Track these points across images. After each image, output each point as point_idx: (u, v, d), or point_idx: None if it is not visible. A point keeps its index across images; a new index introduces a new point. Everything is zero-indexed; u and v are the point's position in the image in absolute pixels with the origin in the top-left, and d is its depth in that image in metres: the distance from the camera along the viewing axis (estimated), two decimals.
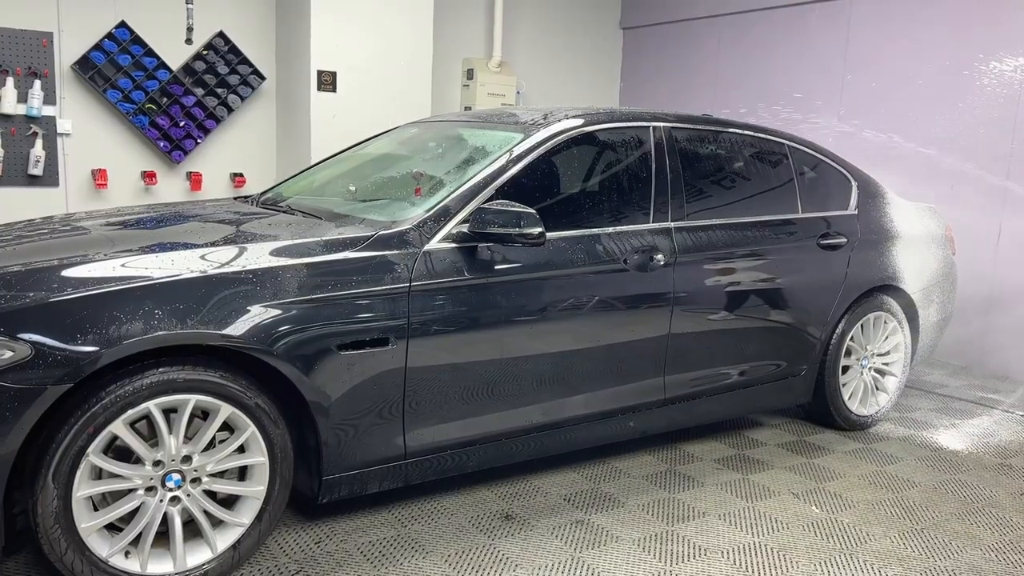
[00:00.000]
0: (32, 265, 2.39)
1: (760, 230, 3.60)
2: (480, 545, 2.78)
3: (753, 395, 3.71)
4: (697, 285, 3.34)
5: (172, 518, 2.36)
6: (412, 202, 3.01)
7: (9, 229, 3.05)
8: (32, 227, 3.03)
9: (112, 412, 2.21)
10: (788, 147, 3.89)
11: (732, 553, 2.82)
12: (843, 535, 3.00)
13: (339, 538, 2.78)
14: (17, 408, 2.08)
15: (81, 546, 2.23)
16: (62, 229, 2.95)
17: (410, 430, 2.75)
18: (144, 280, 2.31)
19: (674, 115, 3.57)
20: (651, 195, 3.33)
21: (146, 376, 2.26)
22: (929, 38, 5.63)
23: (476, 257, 2.83)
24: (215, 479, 2.44)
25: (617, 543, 2.85)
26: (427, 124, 3.85)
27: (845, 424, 4.06)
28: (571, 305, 3.02)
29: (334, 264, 2.59)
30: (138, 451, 2.29)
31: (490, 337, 2.84)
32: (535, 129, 3.19)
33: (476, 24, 7.23)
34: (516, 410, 2.97)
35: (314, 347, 2.49)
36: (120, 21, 5.51)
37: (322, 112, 5.80)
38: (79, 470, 2.19)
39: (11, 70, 5.20)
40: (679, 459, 3.64)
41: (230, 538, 2.46)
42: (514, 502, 3.12)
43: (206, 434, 2.38)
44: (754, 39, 6.84)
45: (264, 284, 2.44)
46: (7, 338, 2.11)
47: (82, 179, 5.59)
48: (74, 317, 2.17)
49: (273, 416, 2.47)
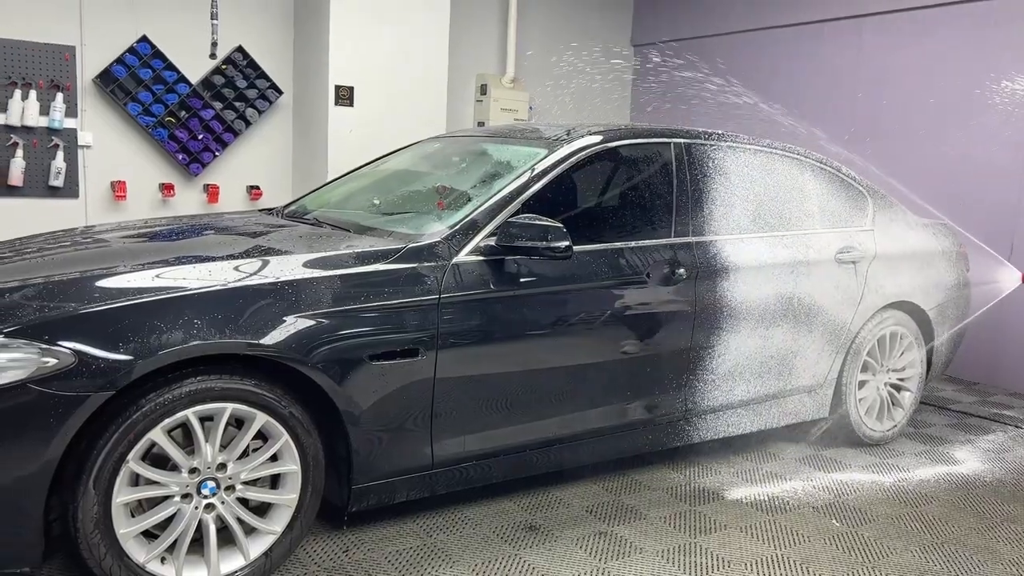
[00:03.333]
0: (70, 275, 2.44)
1: (778, 245, 3.65)
2: (506, 555, 2.81)
3: (771, 409, 3.74)
4: (718, 299, 3.38)
5: (207, 525, 2.39)
6: (439, 215, 3.05)
7: (30, 241, 3.10)
8: (54, 239, 3.07)
9: (152, 420, 2.25)
10: (805, 163, 3.94)
11: (755, 565, 2.85)
12: (865, 548, 3.02)
13: (366, 547, 2.81)
14: (61, 415, 2.12)
15: (119, 551, 2.26)
16: (90, 241, 3.00)
17: (437, 440, 2.78)
18: (183, 291, 2.35)
19: (693, 131, 3.63)
20: (672, 210, 3.37)
21: (184, 384, 2.30)
22: (940, 56, 5.70)
23: (503, 270, 2.87)
24: (248, 487, 2.47)
25: (641, 554, 2.88)
26: (449, 139, 3.91)
27: (862, 439, 4.08)
28: (595, 318, 3.06)
29: (366, 276, 2.63)
30: (176, 458, 2.33)
31: (516, 349, 2.88)
32: (559, 145, 3.24)
33: (490, 40, 7.31)
34: (540, 422, 3.00)
35: (347, 357, 2.53)
36: (141, 35, 5.59)
37: (339, 126, 5.86)
38: (119, 476, 2.23)
39: (34, 83, 5.26)
40: (698, 472, 3.66)
41: (262, 546, 2.49)
42: (537, 513, 3.15)
43: (242, 442, 2.41)
44: (765, 57, 6.92)
45: (298, 295, 2.49)
46: (51, 346, 2.15)
47: (102, 191, 5.65)
48: (116, 326, 2.22)
49: (306, 425, 2.50)
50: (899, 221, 4.22)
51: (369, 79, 5.92)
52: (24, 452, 2.12)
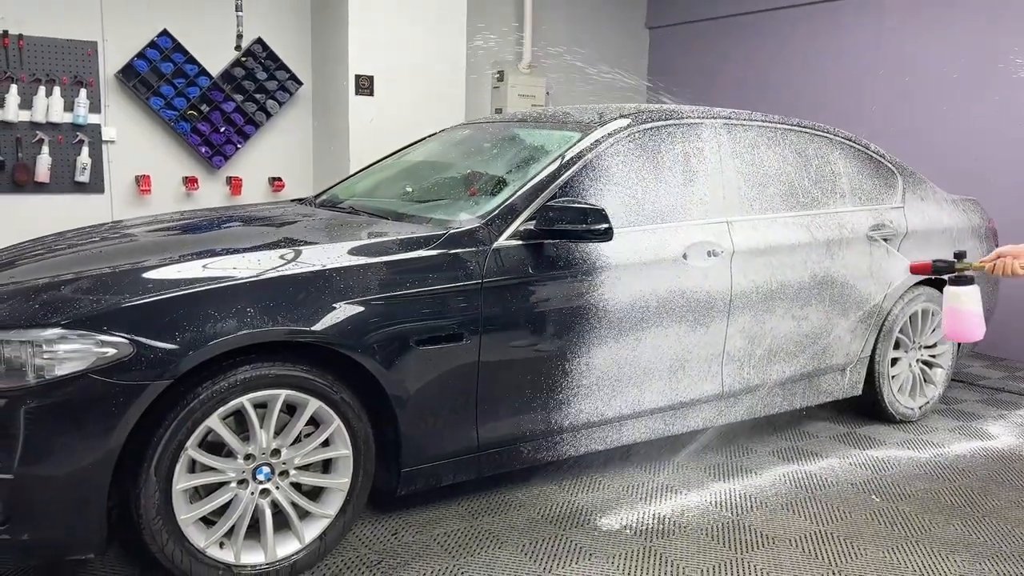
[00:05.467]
0: (122, 267, 2.47)
1: (812, 224, 3.65)
2: (552, 536, 2.84)
3: (807, 388, 3.75)
4: (754, 278, 3.39)
5: (263, 510, 2.43)
6: (476, 201, 3.07)
7: (61, 238, 3.12)
8: (85, 235, 3.09)
9: (208, 407, 2.29)
10: (835, 141, 3.93)
11: (800, 541, 2.87)
12: (906, 523, 3.04)
13: (414, 530, 2.84)
14: (122, 404, 2.16)
15: (180, 537, 2.30)
16: (128, 235, 3.03)
17: (482, 423, 2.81)
18: (234, 280, 2.38)
19: (724, 111, 3.63)
20: (707, 190, 3.38)
21: (239, 372, 2.33)
22: (962, 31, 5.66)
23: (544, 253, 2.89)
24: (301, 472, 2.50)
25: (685, 532, 2.90)
26: (479, 125, 3.91)
27: (895, 416, 4.09)
28: (634, 299, 3.07)
29: (411, 262, 2.65)
30: (232, 445, 2.36)
31: (558, 331, 2.90)
32: (592, 128, 3.25)
33: (506, 26, 7.30)
34: (583, 403, 3.02)
35: (394, 343, 2.55)
36: (162, 29, 5.60)
37: (360, 116, 5.87)
38: (178, 464, 2.27)
39: (57, 79, 5.29)
40: (735, 452, 3.68)
41: (317, 529, 2.53)
42: (580, 495, 3.18)
43: (295, 427, 2.44)
44: (782, 36, 6.88)
45: (345, 282, 2.51)
46: (109, 337, 2.18)
47: (126, 185, 5.68)
48: (172, 316, 2.25)
49: (356, 410, 2.53)
50: (929, 198, 4.22)
51: (389, 68, 5.92)
52: (87, 442, 2.15)
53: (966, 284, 2.26)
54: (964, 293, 2.27)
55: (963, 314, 2.28)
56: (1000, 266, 2.16)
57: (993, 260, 2.19)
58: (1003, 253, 2.17)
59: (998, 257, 2.17)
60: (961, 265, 2.26)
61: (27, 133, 5.23)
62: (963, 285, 2.27)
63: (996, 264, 2.17)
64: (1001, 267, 2.16)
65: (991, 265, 2.21)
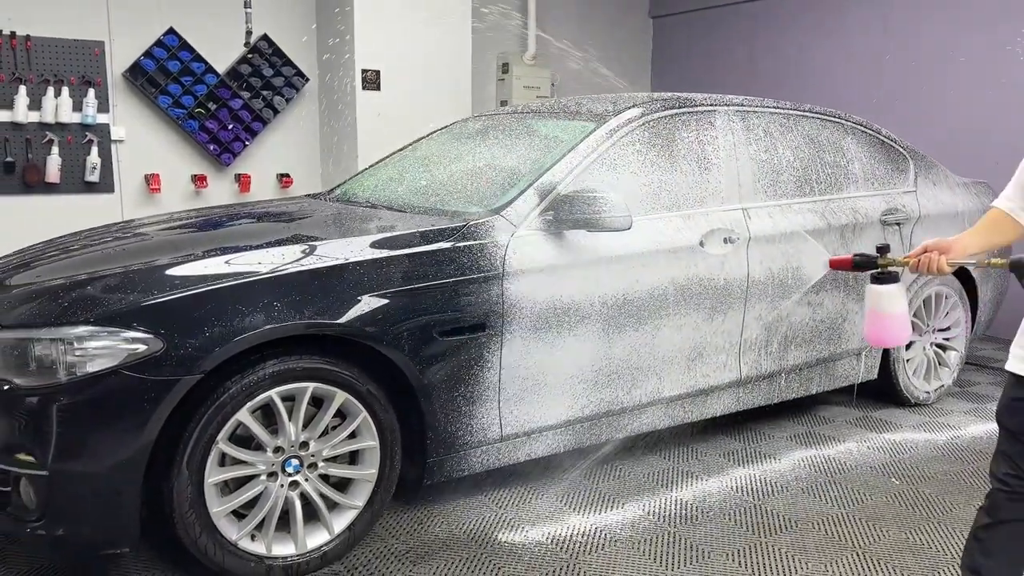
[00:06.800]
0: (148, 264, 2.49)
1: (826, 210, 3.66)
2: (577, 523, 2.86)
3: (823, 373, 3.77)
4: (770, 265, 3.40)
5: (292, 502, 2.45)
6: (494, 193, 3.07)
7: (74, 238, 3.13)
8: (99, 235, 3.10)
9: (238, 401, 2.30)
10: (847, 127, 3.94)
11: (823, 524, 2.89)
12: (927, 505, 3.06)
13: (440, 520, 2.87)
14: (154, 399, 2.18)
15: (213, 530, 2.32)
16: (154, 232, 3.04)
17: (505, 412, 2.83)
18: (259, 274, 2.39)
19: (737, 98, 3.64)
20: (722, 177, 3.39)
21: (267, 366, 2.34)
22: (969, 13, 5.65)
23: (562, 243, 2.90)
24: (330, 463, 2.52)
25: (708, 517, 2.92)
26: (492, 117, 3.92)
27: (911, 399, 4.11)
28: (653, 288, 3.09)
29: (432, 254, 2.67)
30: (261, 438, 2.38)
31: (578, 320, 2.91)
32: (606, 117, 3.26)
33: (510, 18, 7.29)
34: (604, 391, 3.04)
35: (418, 334, 2.57)
36: (168, 28, 5.60)
37: (367, 110, 5.88)
38: (210, 457, 2.28)
39: (65, 79, 5.30)
40: (753, 438, 3.70)
41: (345, 520, 2.55)
42: (601, 483, 3.20)
43: (324, 419, 2.46)
44: (787, 22, 6.87)
45: (370, 275, 2.53)
46: (139, 333, 2.20)
47: (136, 184, 5.69)
48: (200, 311, 2.26)
49: (382, 401, 2.55)
50: (941, 182, 4.22)
51: (395, 62, 5.92)
52: (120, 437, 2.18)
53: (889, 282, 1.98)
54: (886, 293, 1.98)
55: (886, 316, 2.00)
56: (925, 262, 1.92)
57: (918, 255, 1.94)
58: (930, 247, 1.94)
59: (924, 251, 1.93)
60: (884, 261, 1.97)
61: (36, 134, 5.23)
62: (885, 283, 1.98)
63: (921, 260, 1.93)
64: (926, 263, 1.92)
65: (916, 261, 1.93)
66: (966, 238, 2.00)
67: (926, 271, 1.93)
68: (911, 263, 1.95)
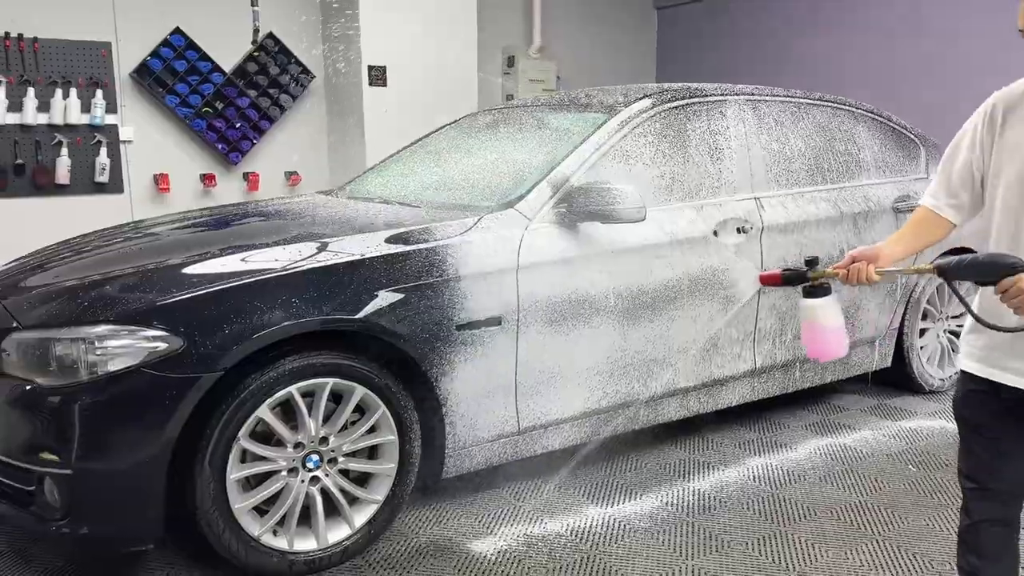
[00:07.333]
0: (165, 263, 2.50)
1: (839, 198, 3.65)
2: (596, 515, 2.87)
3: (836, 362, 3.76)
4: (784, 253, 3.40)
5: (313, 497, 2.46)
6: (508, 186, 3.07)
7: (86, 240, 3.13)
8: (110, 235, 3.11)
9: (258, 398, 2.31)
10: (858, 114, 3.93)
11: (841, 512, 2.89)
12: (945, 491, 3.05)
13: (459, 514, 2.87)
14: (176, 396, 2.19)
15: (235, 526, 2.33)
16: (170, 232, 3.05)
17: (522, 405, 2.83)
18: (276, 271, 2.40)
19: (748, 88, 3.63)
20: (734, 167, 3.38)
21: (286, 362, 2.35)
22: None
23: (577, 234, 2.90)
24: (349, 459, 2.53)
25: (726, 507, 2.93)
26: (502, 111, 3.91)
27: (925, 387, 4.10)
28: (666, 278, 3.08)
29: (447, 248, 2.67)
30: (282, 434, 2.39)
31: (592, 312, 2.91)
32: (617, 109, 3.25)
33: (515, 11, 7.28)
34: (620, 383, 3.04)
35: (434, 328, 2.58)
36: (174, 27, 5.61)
37: (374, 107, 5.88)
38: (231, 454, 2.29)
39: (73, 81, 5.31)
40: (768, 428, 3.70)
41: (365, 515, 2.56)
42: (617, 475, 3.20)
43: (343, 415, 2.47)
44: (793, 10, 6.84)
45: (386, 270, 2.53)
46: (159, 331, 2.21)
47: (145, 184, 5.71)
48: (219, 309, 2.27)
49: (401, 396, 2.55)
50: None
51: (401, 58, 5.92)
52: (143, 435, 2.19)
53: (821, 295, 1.92)
54: (820, 306, 1.92)
55: (822, 330, 1.94)
56: (854, 272, 1.85)
57: (847, 265, 1.87)
58: (857, 256, 1.88)
59: (852, 261, 1.87)
60: (814, 274, 1.90)
61: (46, 136, 5.25)
62: (818, 297, 1.92)
63: (851, 270, 1.86)
64: (855, 274, 1.85)
65: (844, 272, 1.86)
66: (893, 244, 1.93)
67: (855, 282, 1.87)
68: (840, 274, 1.87)
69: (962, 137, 1.87)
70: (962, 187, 1.86)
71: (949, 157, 1.89)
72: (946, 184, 1.89)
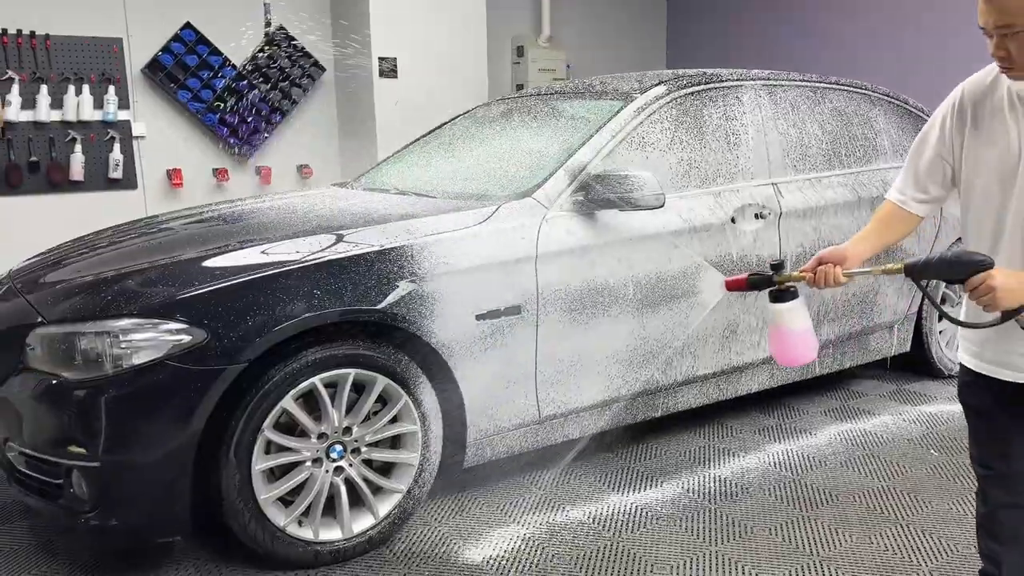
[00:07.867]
0: (187, 256, 2.51)
1: (856, 182, 3.62)
2: (617, 502, 2.87)
3: (856, 347, 3.75)
4: (803, 239, 3.38)
5: (337, 487, 2.47)
6: (525, 175, 3.06)
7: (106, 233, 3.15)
8: (125, 231, 3.12)
9: (283, 389, 2.32)
10: (874, 98, 3.90)
11: (864, 497, 2.88)
12: (967, 475, 3.04)
13: (482, 502, 2.88)
14: (201, 388, 2.20)
15: (261, 517, 2.34)
16: (188, 225, 3.06)
17: (543, 393, 2.83)
18: (297, 263, 2.40)
19: (764, 73, 3.60)
20: (751, 152, 3.37)
21: (309, 353, 2.36)
22: None
23: (595, 222, 2.89)
24: (372, 448, 2.54)
25: (748, 493, 2.93)
26: (515, 100, 3.90)
27: (944, 371, 4.08)
28: (685, 265, 3.07)
29: (465, 238, 2.66)
30: (306, 425, 2.40)
31: (612, 300, 2.91)
32: (633, 96, 3.24)
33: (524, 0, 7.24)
34: (640, 371, 3.04)
35: (455, 318, 2.58)
36: (185, 22, 5.62)
37: (385, 98, 5.88)
38: (256, 445, 2.30)
39: (86, 77, 5.33)
40: (787, 414, 3.69)
41: (389, 504, 2.57)
42: (638, 462, 3.21)
43: (366, 404, 2.48)
44: None
45: (407, 260, 2.53)
46: (183, 324, 2.22)
47: (158, 180, 5.73)
48: (243, 301, 2.28)
49: (423, 386, 2.56)
50: None
51: (411, 49, 5.91)
52: (169, 427, 2.20)
53: (788, 299, 1.87)
54: (787, 310, 1.87)
55: (789, 334, 1.89)
56: (821, 275, 1.80)
57: (813, 268, 1.83)
58: (824, 258, 1.83)
59: (819, 263, 1.82)
60: (780, 278, 1.85)
61: (59, 133, 5.28)
62: (785, 301, 1.87)
63: (817, 273, 1.81)
64: (823, 276, 1.80)
65: (811, 275, 1.81)
66: (859, 242, 1.88)
67: (823, 285, 1.82)
68: (807, 278, 1.82)
69: (929, 130, 1.81)
70: (931, 181, 1.81)
71: (916, 151, 1.83)
72: (914, 178, 1.83)
